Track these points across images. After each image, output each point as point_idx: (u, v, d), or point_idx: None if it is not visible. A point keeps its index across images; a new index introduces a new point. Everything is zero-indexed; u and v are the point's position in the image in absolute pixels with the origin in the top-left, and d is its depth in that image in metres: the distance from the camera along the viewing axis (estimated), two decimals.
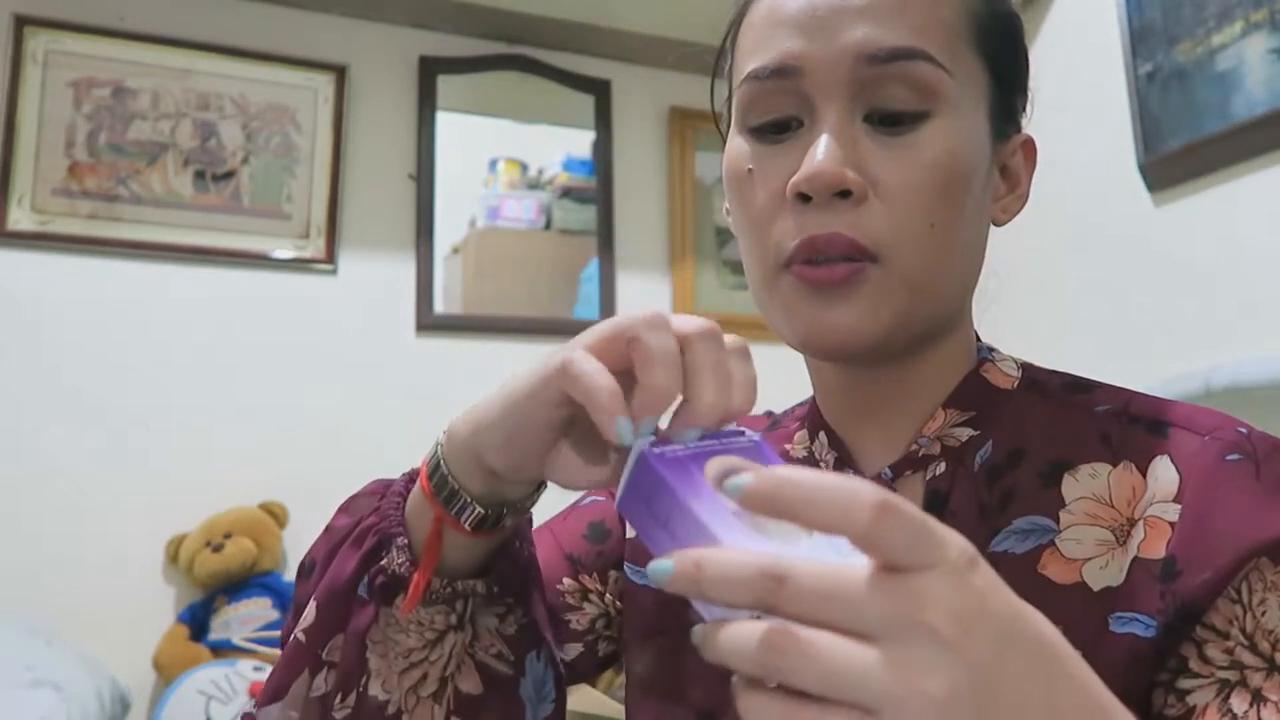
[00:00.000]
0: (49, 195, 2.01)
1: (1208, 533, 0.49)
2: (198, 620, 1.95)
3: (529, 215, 2.48)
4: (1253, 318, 1.67)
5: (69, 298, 2.00)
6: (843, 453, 0.62)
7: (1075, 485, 0.54)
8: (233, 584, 1.95)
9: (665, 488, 0.38)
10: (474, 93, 2.42)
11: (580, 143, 2.53)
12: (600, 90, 2.51)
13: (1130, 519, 0.52)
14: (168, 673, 1.85)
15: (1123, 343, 1.93)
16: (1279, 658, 0.46)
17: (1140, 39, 1.89)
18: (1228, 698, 0.46)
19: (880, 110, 0.54)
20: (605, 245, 2.46)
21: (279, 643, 1.93)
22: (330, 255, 2.20)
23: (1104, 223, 1.99)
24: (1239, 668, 0.47)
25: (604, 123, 2.51)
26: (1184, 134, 1.79)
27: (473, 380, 2.32)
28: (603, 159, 2.50)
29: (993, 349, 0.63)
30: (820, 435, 0.63)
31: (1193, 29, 1.77)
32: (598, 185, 2.49)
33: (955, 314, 0.60)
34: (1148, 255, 1.89)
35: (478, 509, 0.51)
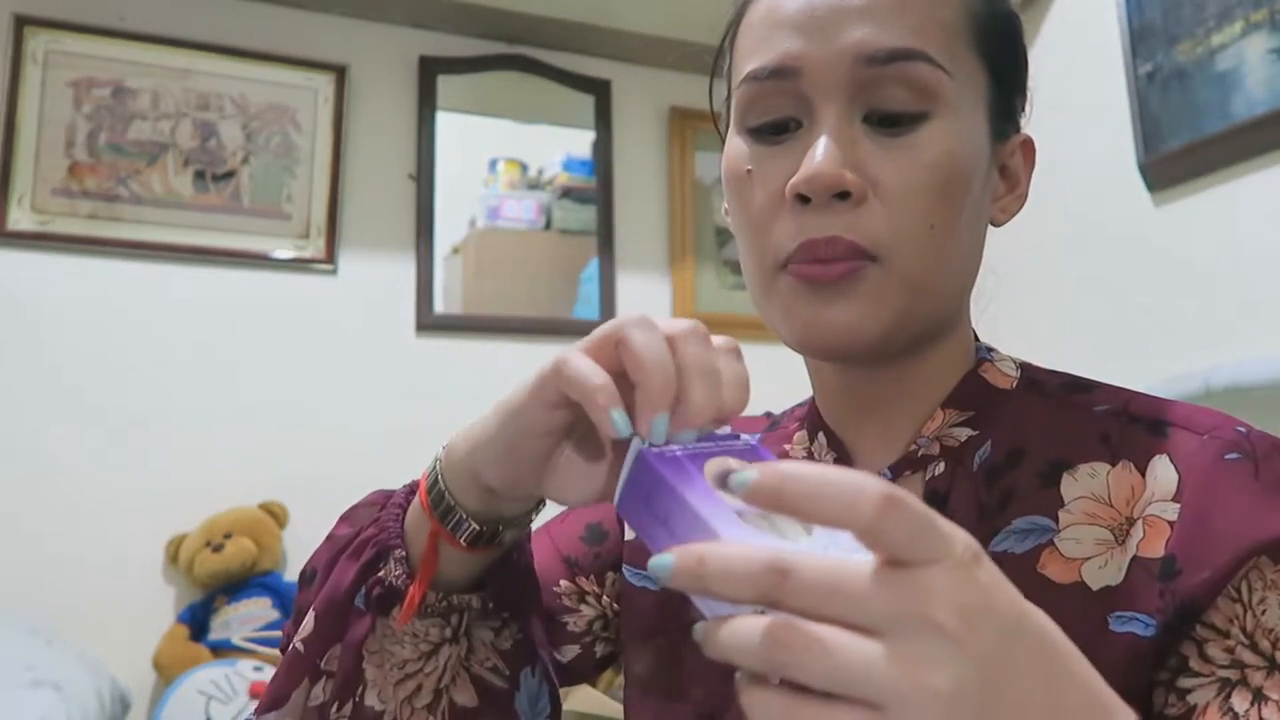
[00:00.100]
0: (49, 195, 2.01)
1: (1207, 532, 0.49)
2: (198, 620, 1.95)
3: (529, 215, 2.48)
4: (1253, 318, 1.67)
5: (69, 298, 2.00)
6: (842, 453, 0.62)
7: (1074, 485, 0.54)
8: (233, 584, 1.95)
9: (664, 486, 0.38)
10: (474, 93, 2.42)
11: (580, 143, 2.53)
12: (600, 90, 2.51)
13: (1129, 518, 0.52)
14: (168, 673, 1.85)
15: (1123, 343, 1.93)
16: (1279, 656, 0.46)
17: (1140, 39, 1.89)
18: (1229, 696, 0.46)
19: (879, 111, 0.54)
20: (605, 245, 2.46)
21: (279, 644, 1.93)
22: (330, 255, 2.20)
23: (1104, 223, 1.99)
24: (1239, 666, 0.47)
25: (604, 123, 2.51)
26: (1184, 134, 1.79)
27: (473, 380, 2.35)
28: (603, 159, 2.50)
29: (991, 349, 0.63)
30: (819, 436, 0.64)
31: (1193, 29, 1.77)
32: (598, 185, 2.49)
33: (954, 314, 0.60)
34: (1148, 255, 1.89)
35: (474, 525, 0.52)
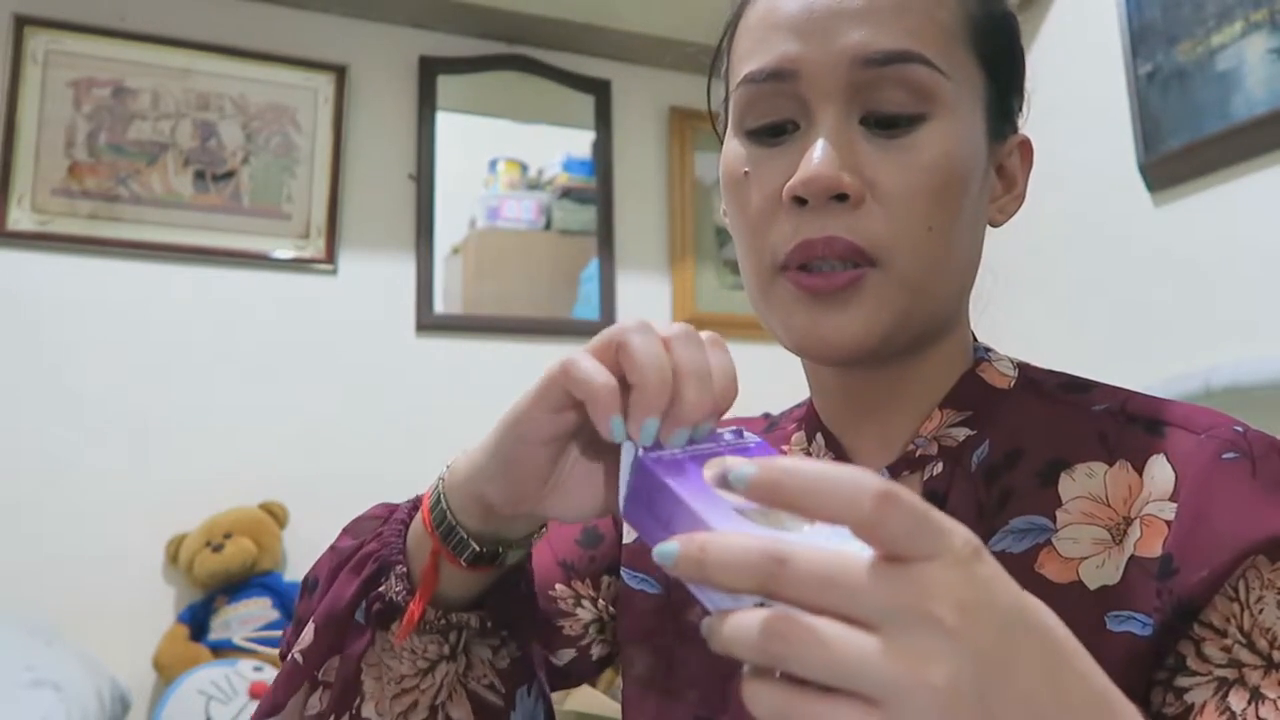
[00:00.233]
0: (49, 195, 2.01)
1: (1204, 531, 0.49)
2: (198, 620, 1.95)
3: (529, 215, 2.48)
4: (1253, 318, 1.67)
5: (69, 298, 2.01)
6: (839, 454, 0.62)
7: (1072, 484, 0.54)
8: (233, 584, 1.95)
9: (664, 489, 0.39)
10: (474, 93, 2.43)
11: (580, 143, 2.53)
12: (600, 90, 2.51)
13: (1127, 518, 0.52)
14: (168, 673, 1.85)
15: (1123, 343, 1.93)
16: (1276, 655, 0.46)
17: (1140, 39, 1.89)
18: (1226, 695, 0.46)
19: (876, 113, 0.54)
20: (605, 245, 2.46)
21: (278, 643, 1.92)
22: (330, 255, 2.20)
23: (1104, 223, 1.99)
24: (1237, 665, 0.47)
25: (604, 123, 2.51)
26: (1184, 134, 1.79)
27: (472, 380, 2.35)
28: (603, 159, 2.50)
29: (989, 349, 0.63)
30: (817, 437, 0.64)
31: (1193, 29, 1.77)
32: (598, 185, 2.49)
33: (953, 315, 0.60)
34: (1148, 255, 1.89)
35: (475, 546, 0.52)
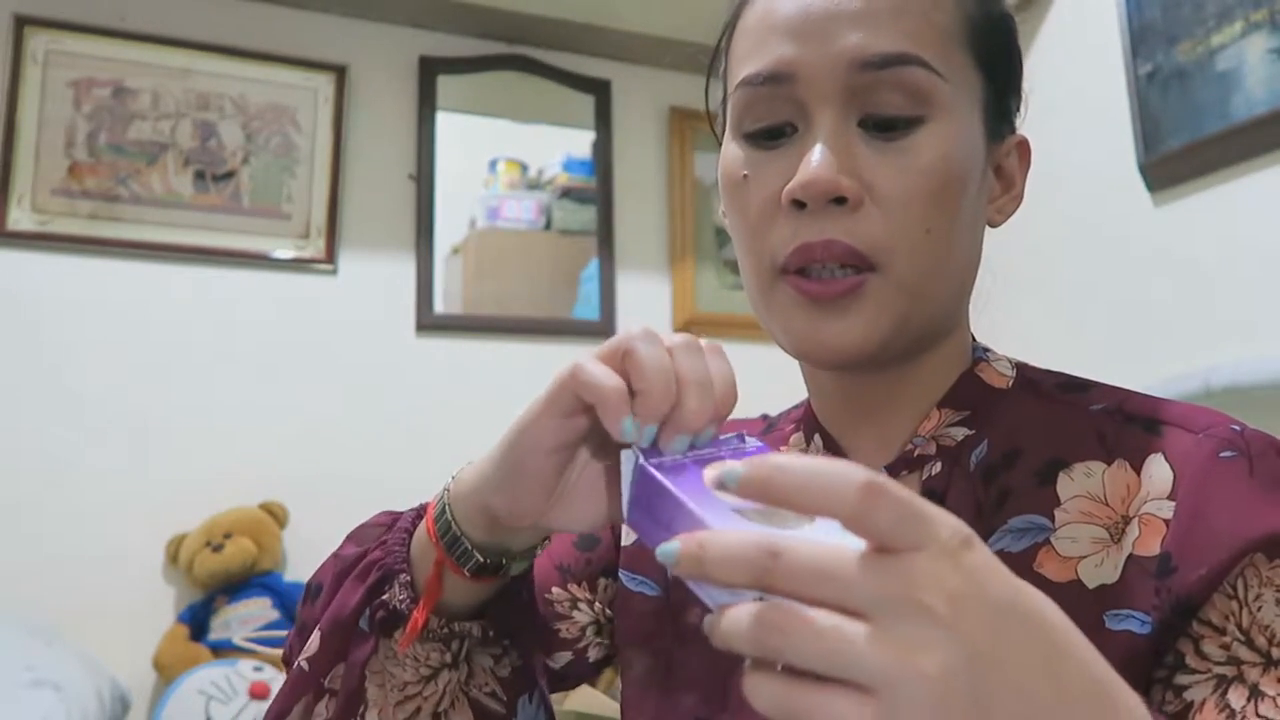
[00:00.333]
0: (49, 195, 2.01)
1: (1202, 529, 0.49)
2: (198, 620, 1.95)
3: (529, 215, 2.48)
4: (1253, 318, 1.67)
5: (69, 298, 2.01)
6: (837, 454, 0.62)
7: (1070, 484, 0.54)
8: (233, 584, 1.95)
9: (665, 492, 0.39)
10: (474, 93, 2.43)
11: (580, 143, 2.53)
12: (600, 90, 2.51)
13: (1125, 516, 0.52)
14: (168, 673, 1.85)
15: (1123, 343, 1.93)
16: (1275, 652, 0.46)
17: (1140, 39, 1.89)
18: (1225, 693, 0.46)
19: (874, 116, 0.54)
20: (605, 245, 2.46)
21: (278, 643, 1.92)
22: (330, 255, 2.20)
23: (1104, 223, 1.99)
24: (1236, 663, 0.47)
25: (604, 123, 2.51)
26: (1184, 134, 1.79)
27: (472, 380, 2.35)
28: (603, 159, 2.50)
29: (987, 349, 0.64)
30: (815, 438, 0.64)
31: (1193, 29, 1.77)
32: (598, 185, 2.49)
33: (951, 317, 0.60)
34: (1147, 255, 1.89)
35: (478, 557, 0.52)
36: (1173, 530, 0.50)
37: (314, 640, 0.56)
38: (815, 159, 0.53)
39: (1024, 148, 0.63)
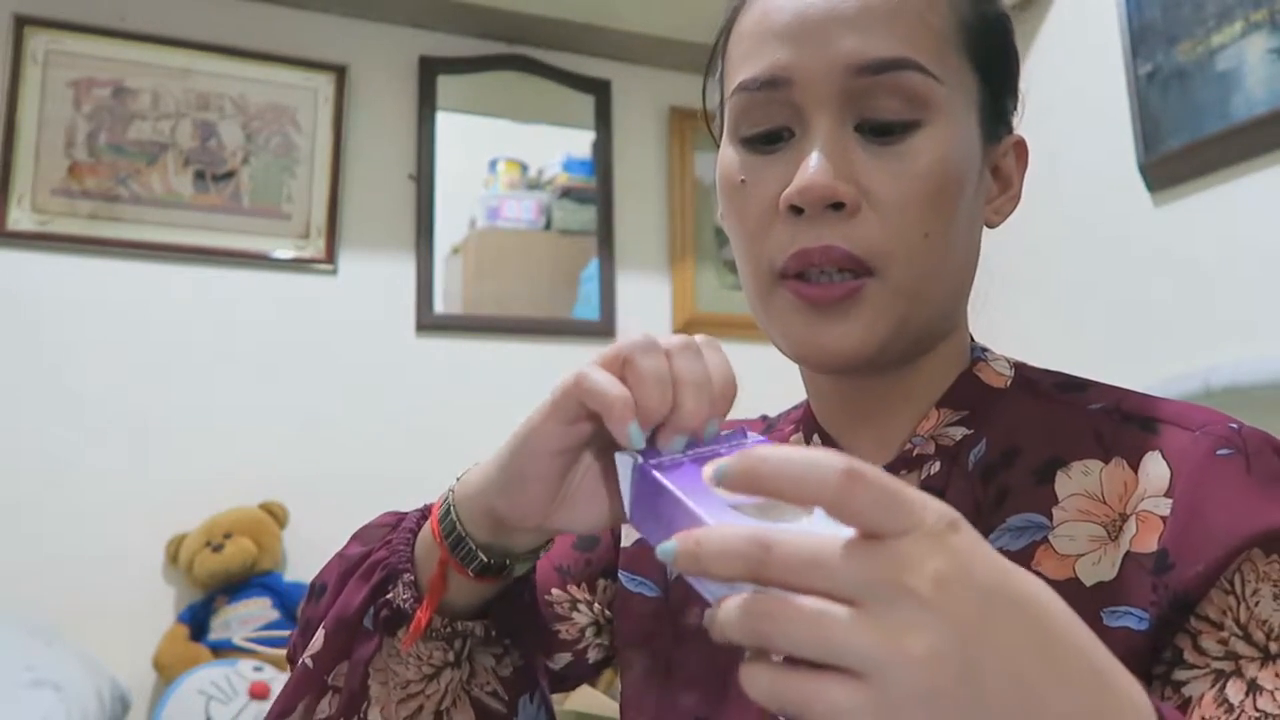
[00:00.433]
0: (49, 195, 2.01)
1: (1199, 526, 0.49)
2: (198, 620, 1.95)
3: (529, 215, 2.48)
4: (1252, 318, 1.67)
5: (69, 298, 2.01)
6: None
7: (1068, 482, 0.55)
8: (233, 584, 1.95)
9: (664, 491, 0.40)
10: (474, 93, 2.43)
11: (580, 143, 2.53)
12: (600, 90, 2.51)
13: (1122, 514, 0.52)
14: (168, 673, 1.85)
15: (1122, 343, 1.93)
16: (1273, 646, 0.46)
17: (1140, 39, 1.89)
18: (1224, 688, 0.46)
19: (871, 120, 0.54)
20: (605, 245, 2.46)
21: (278, 643, 1.91)
22: (330, 255, 2.20)
23: (1104, 223, 1.99)
24: (1234, 658, 0.47)
25: (604, 123, 2.51)
26: (1184, 134, 1.79)
27: (472, 380, 2.34)
28: (603, 159, 2.50)
29: (986, 349, 0.64)
30: (814, 438, 0.64)
31: (1193, 29, 1.77)
32: (598, 185, 2.49)
33: (950, 318, 0.60)
34: (1147, 255, 1.89)
35: (482, 557, 0.53)
36: (1170, 527, 0.50)
37: (318, 638, 0.56)
38: (812, 165, 0.53)
39: (1021, 148, 0.63)
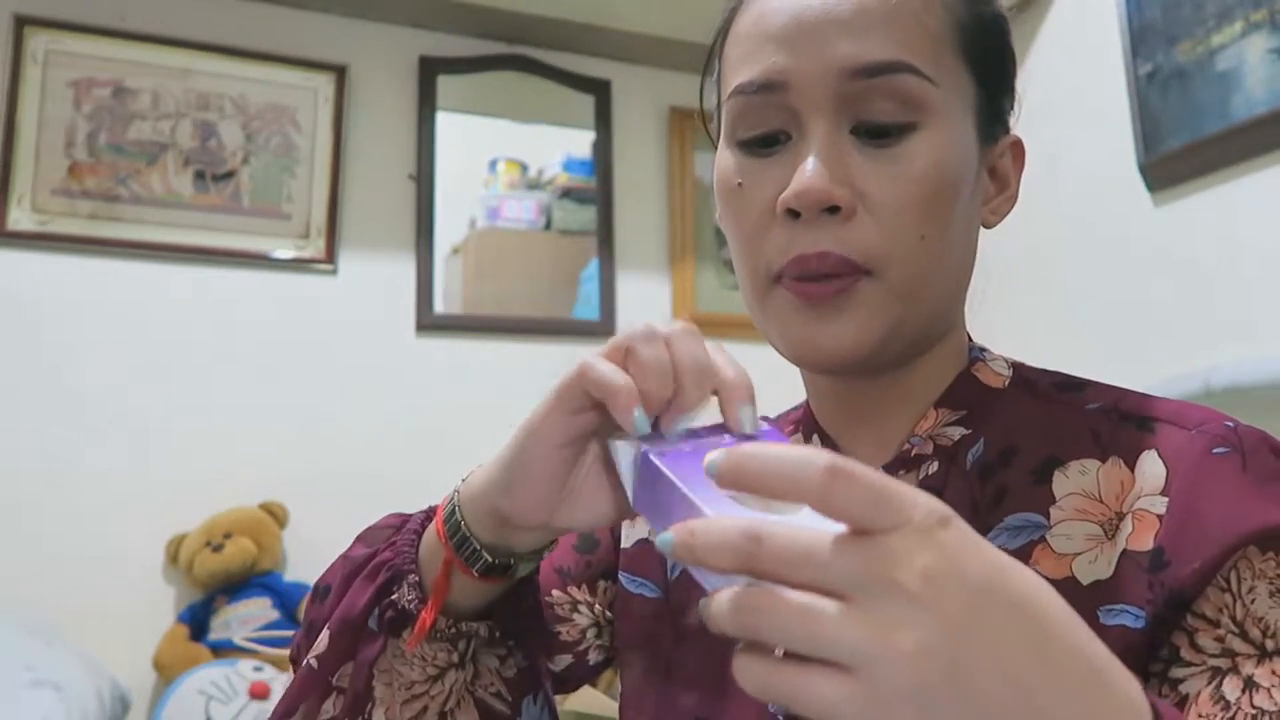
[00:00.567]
0: (49, 195, 2.02)
1: (1195, 524, 0.49)
2: (198, 620, 1.95)
3: (529, 215, 2.48)
4: (1253, 318, 1.67)
5: (69, 298, 2.01)
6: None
7: (1065, 482, 0.55)
8: (233, 584, 1.95)
9: (664, 479, 0.41)
10: (474, 93, 2.43)
11: (580, 143, 2.53)
12: (600, 90, 2.51)
13: (1119, 513, 0.52)
14: (168, 673, 1.86)
15: (1122, 343, 1.93)
16: (1269, 644, 0.46)
17: (1140, 39, 1.89)
18: (1220, 685, 0.46)
19: (867, 124, 0.54)
20: (605, 245, 2.46)
21: (279, 643, 1.91)
22: (330, 255, 2.21)
23: (1104, 223, 1.99)
24: (1230, 655, 0.47)
25: (604, 123, 2.51)
26: (1184, 134, 1.79)
27: (472, 380, 2.34)
28: (603, 159, 2.50)
29: (984, 349, 0.64)
30: (814, 439, 0.64)
31: (1193, 29, 1.77)
32: (598, 185, 2.49)
33: (947, 319, 0.60)
34: (1147, 255, 1.89)
35: (487, 557, 0.53)
36: (1166, 525, 0.50)
37: (323, 639, 0.56)
38: (809, 169, 0.53)
39: (1018, 148, 0.63)
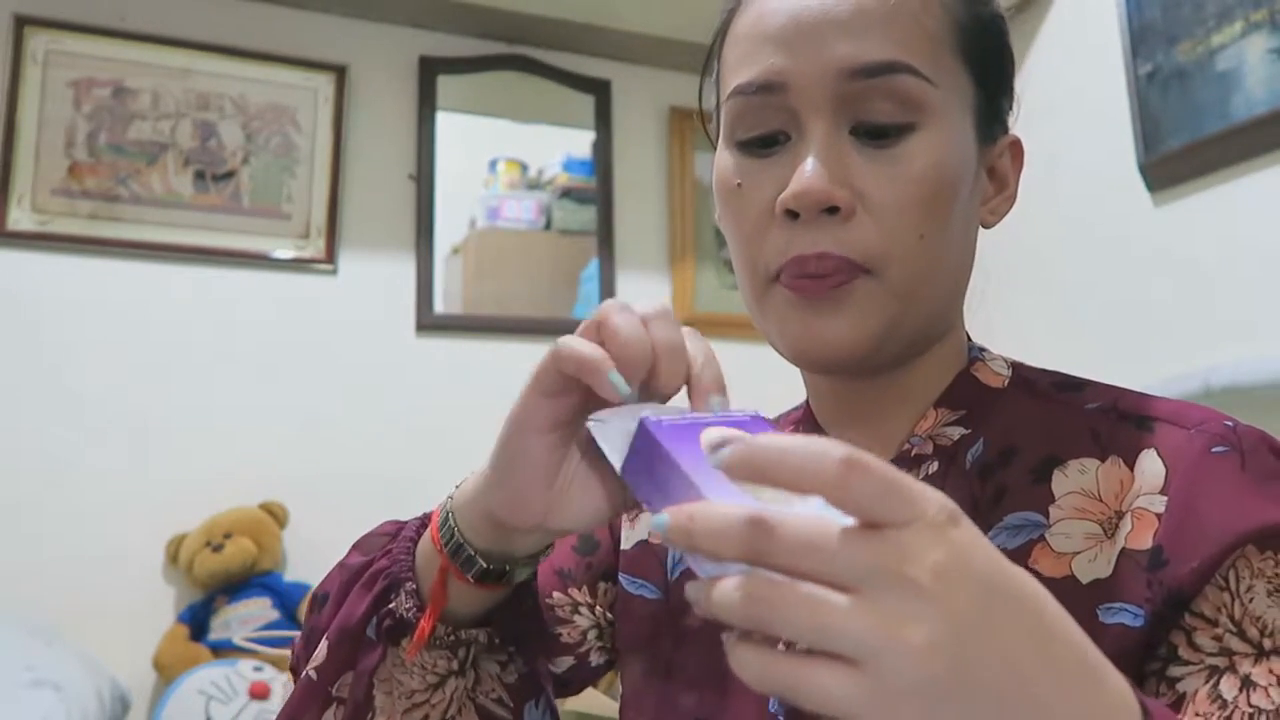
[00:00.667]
0: (49, 195, 2.02)
1: (1194, 523, 0.49)
2: (198, 620, 1.95)
3: (529, 215, 2.48)
4: (1253, 318, 1.67)
5: (69, 298, 2.01)
6: None
7: (1065, 481, 0.55)
8: (233, 584, 1.95)
9: (662, 453, 0.40)
10: (474, 93, 2.43)
11: (580, 143, 2.53)
12: (600, 90, 2.51)
13: (1118, 512, 0.52)
14: (168, 673, 1.86)
15: (1122, 343, 1.93)
16: (1267, 643, 0.46)
17: (1140, 39, 1.89)
18: (1217, 683, 0.46)
19: (866, 124, 0.54)
20: (605, 245, 2.46)
21: (278, 643, 1.91)
22: (330, 255, 2.21)
23: (1104, 223, 1.99)
24: (1228, 654, 0.47)
25: (604, 123, 2.51)
26: (1184, 134, 1.79)
27: (473, 380, 2.35)
28: (603, 159, 2.50)
29: (983, 349, 0.64)
30: None
31: (1193, 29, 1.77)
32: (598, 185, 2.49)
33: (946, 319, 0.60)
34: (1147, 255, 1.89)
35: (481, 563, 0.52)
36: (1165, 524, 0.50)
37: (321, 649, 0.56)
38: (808, 169, 0.53)
39: (1016, 148, 0.63)
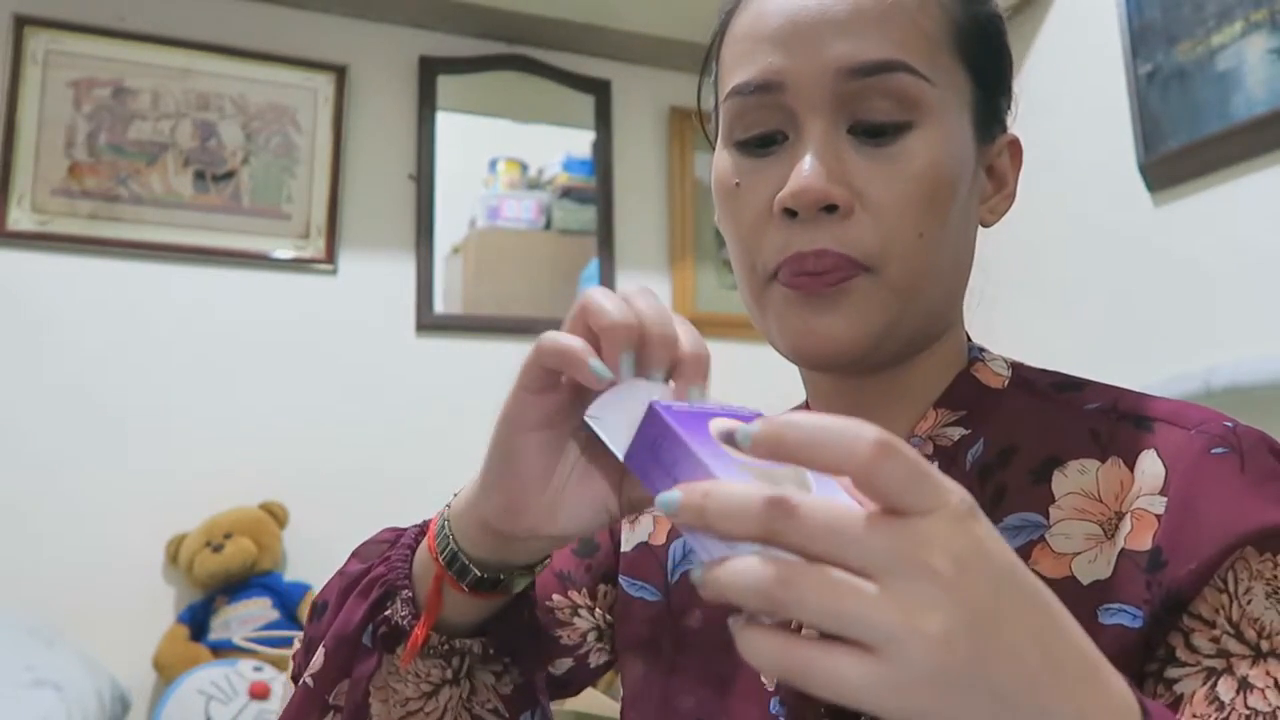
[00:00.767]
0: (49, 195, 2.02)
1: (1193, 524, 0.49)
2: (198, 620, 1.95)
3: (529, 215, 2.48)
4: (1253, 318, 1.67)
5: (69, 298, 2.01)
6: None
7: (1064, 481, 0.55)
8: (233, 584, 1.95)
9: (671, 434, 0.39)
10: (474, 93, 2.43)
11: (580, 143, 2.53)
12: (600, 90, 2.51)
13: (1118, 512, 0.52)
14: (168, 673, 1.86)
15: (1122, 343, 1.93)
16: (1264, 645, 0.46)
17: (1140, 39, 1.89)
18: (1215, 685, 0.46)
19: (864, 123, 0.54)
20: (605, 245, 2.46)
21: (278, 643, 1.91)
22: (330, 255, 2.21)
23: (1104, 223, 1.99)
24: (1225, 655, 0.47)
25: (604, 123, 2.51)
26: (1184, 134, 1.79)
27: (473, 380, 2.35)
28: (603, 159, 2.50)
29: (983, 349, 0.64)
30: None
31: (1193, 29, 1.77)
32: (598, 185, 2.49)
33: (945, 318, 0.60)
34: (1148, 255, 1.89)
35: (475, 571, 0.52)
36: (1164, 525, 0.50)
37: (318, 657, 0.56)
38: (806, 168, 0.53)
39: (1015, 147, 0.63)
